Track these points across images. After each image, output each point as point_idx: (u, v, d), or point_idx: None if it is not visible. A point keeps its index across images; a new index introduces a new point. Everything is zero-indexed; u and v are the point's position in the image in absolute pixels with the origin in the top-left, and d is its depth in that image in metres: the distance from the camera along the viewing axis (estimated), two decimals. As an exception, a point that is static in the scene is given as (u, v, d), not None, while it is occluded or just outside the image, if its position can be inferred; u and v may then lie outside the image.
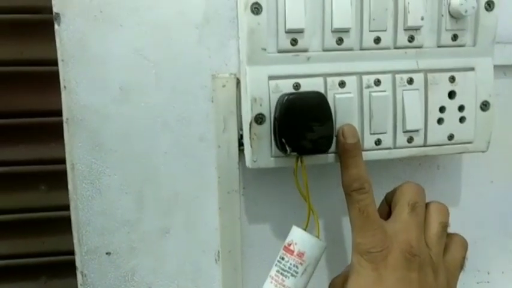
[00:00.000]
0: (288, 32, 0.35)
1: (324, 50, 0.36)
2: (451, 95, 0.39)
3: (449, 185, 0.47)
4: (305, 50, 0.36)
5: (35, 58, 0.74)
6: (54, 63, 0.65)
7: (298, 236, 0.35)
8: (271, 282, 0.35)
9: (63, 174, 0.72)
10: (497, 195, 0.48)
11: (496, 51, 0.39)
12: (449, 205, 0.47)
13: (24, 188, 0.80)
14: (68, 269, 0.77)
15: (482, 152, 0.41)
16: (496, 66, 0.40)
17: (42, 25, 0.71)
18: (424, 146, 0.39)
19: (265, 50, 0.35)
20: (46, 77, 0.75)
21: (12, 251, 0.82)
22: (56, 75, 0.65)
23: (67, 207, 0.75)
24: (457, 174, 0.47)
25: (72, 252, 0.78)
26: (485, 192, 0.48)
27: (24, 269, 0.82)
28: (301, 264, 0.34)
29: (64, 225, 0.73)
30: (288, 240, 0.36)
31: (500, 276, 0.50)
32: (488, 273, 0.50)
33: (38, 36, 0.72)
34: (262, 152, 0.37)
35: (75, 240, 0.41)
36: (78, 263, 0.42)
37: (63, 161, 0.74)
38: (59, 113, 0.68)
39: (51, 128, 0.76)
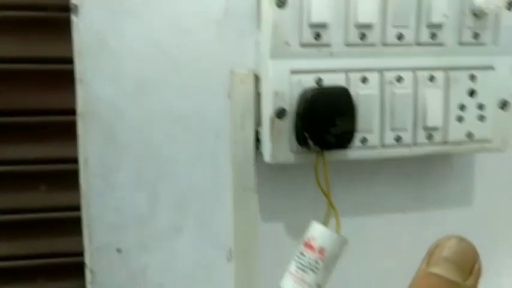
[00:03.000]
0: (312, 26, 0.35)
1: (347, 45, 0.36)
2: (471, 93, 0.39)
3: (462, 185, 0.47)
4: (328, 45, 0.36)
5: (38, 56, 0.73)
6: (61, 61, 0.64)
7: (318, 232, 0.34)
8: (291, 277, 0.34)
9: (64, 174, 0.71)
10: (509, 197, 0.48)
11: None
12: (462, 206, 0.48)
13: (24, 188, 0.78)
14: (67, 271, 0.76)
15: (500, 151, 0.41)
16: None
17: (51, 23, 0.70)
18: (444, 143, 0.39)
19: (288, 44, 0.35)
20: (51, 75, 0.74)
21: (10, 252, 0.80)
22: (60, 74, 0.65)
23: (67, 209, 0.73)
24: (470, 175, 0.47)
25: (72, 254, 0.76)
26: (498, 194, 0.48)
27: (20, 271, 0.80)
28: (321, 260, 0.34)
29: (62, 226, 0.71)
30: (307, 235, 0.35)
31: (510, 280, 0.50)
32: (498, 276, 0.50)
33: (42, 34, 0.71)
34: (282, 147, 0.36)
35: (85, 237, 0.40)
36: (87, 261, 0.40)
37: (65, 160, 0.73)
38: (62, 111, 0.67)
39: (53, 127, 0.75)
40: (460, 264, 0.19)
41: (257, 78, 0.40)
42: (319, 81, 0.36)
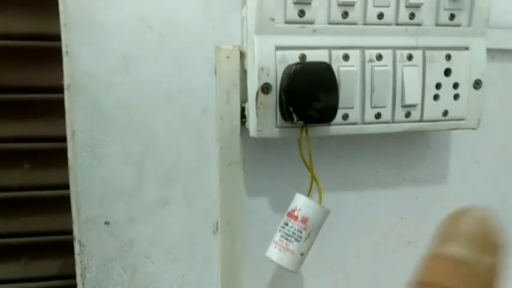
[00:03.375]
0: (296, 3, 0.36)
1: (330, 23, 0.37)
2: (447, 72, 0.40)
3: (438, 163, 0.49)
4: (311, 22, 0.37)
5: (22, 33, 0.72)
6: (47, 38, 0.63)
7: (302, 203, 0.36)
8: (275, 247, 0.36)
9: (47, 153, 0.71)
10: (482, 174, 0.51)
11: (485, 35, 0.41)
12: (438, 183, 0.50)
13: (7, 165, 0.77)
14: (50, 250, 0.76)
15: (473, 129, 0.43)
16: (485, 49, 0.42)
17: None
18: (420, 121, 0.41)
19: (273, 20, 0.36)
20: (34, 53, 0.73)
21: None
22: (45, 51, 0.64)
23: (51, 187, 0.73)
24: (446, 153, 0.49)
25: (55, 233, 0.76)
26: (472, 172, 0.50)
27: (4, 249, 0.80)
28: (304, 229, 0.35)
29: (47, 205, 0.71)
30: (291, 206, 0.36)
31: None
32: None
33: (27, 10, 0.70)
34: (267, 122, 0.37)
35: (73, 210, 0.41)
36: (75, 233, 0.41)
37: (48, 139, 0.72)
38: (46, 89, 0.66)
39: (37, 105, 0.74)
40: (479, 241, 0.16)
41: (243, 54, 0.40)
42: (303, 57, 0.37)
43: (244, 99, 0.41)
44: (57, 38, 0.40)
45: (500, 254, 0.15)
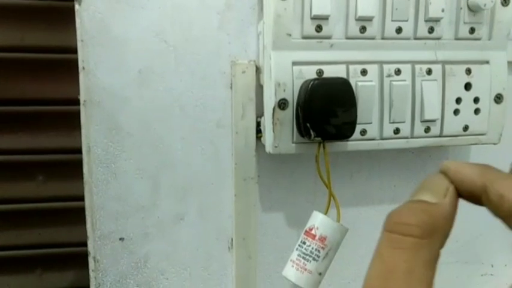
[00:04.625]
0: (314, 18, 0.36)
1: (347, 38, 0.37)
2: (467, 86, 0.40)
3: (457, 178, 0.48)
4: (329, 37, 0.37)
5: (37, 45, 0.72)
6: (65, 51, 0.64)
7: (320, 221, 0.35)
8: (293, 266, 0.35)
9: (62, 165, 0.71)
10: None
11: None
12: (457, 198, 0.49)
13: (21, 177, 0.78)
14: (65, 261, 0.76)
15: (494, 144, 0.42)
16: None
17: (49, 11, 0.70)
18: (440, 136, 0.40)
19: (290, 35, 0.36)
20: (48, 65, 0.73)
21: (7, 242, 0.80)
22: (63, 63, 0.64)
23: (65, 199, 0.73)
24: (464, 167, 0.48)
25: (69, 244, 0.76)
26: (491, 186, 0.49)
27: (18, 261, 0.80)
28: (323, 248, 0.34)
29: (61, 216, 0.71)
30: (309, 225, 0.36)
31: (503, 269, 0.51)
32: (492, 266, 0.51)
33: (42, 23, 0.70)
34: (283, 137, 0.37)
35: (88, 225, 0.41)
36: (90, 248, 0.41)
37: (62, 151, 0.73)
38: (68, 101, 0.66)
39: (51, 117, 0.75)
40: (434, 189, 0.21)
41: (258, 69, 0.40)
42: (320, 72, 0.36)
43: (259, 113, 0.41)
44: (71, 50, 0.40)
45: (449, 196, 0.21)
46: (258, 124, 0.41)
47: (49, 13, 0.63)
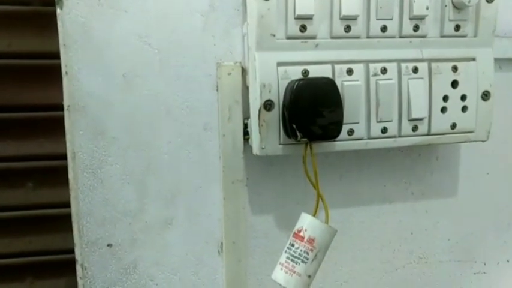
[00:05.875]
0: (297, 18, 0.35)
1: (332, 38, 0.37)
2: (454, 84, 0.39)
3: (447, 176, 0.48)
4: (313, 37, 0.36)
5: (24, 51, 0.72)
6: (47, 56, 0.63)
7: (308, 223, 0.35)
8: (281, 269, 0.34)
9: (51, 171, 0.70)
10: (493, 186, 0.49)
11: (492, 44, 0.40)
12: (447, 196, 0.48)
13: (10, 185, 0.77)
14: (56, 269, 0.75)
15: (483, 141, 0.42)
16: (493, 59, 0.41)
17: (35, 17, 0.69)
18: (428, 134, 0.40)
19: (274, 36, 0.35)
20: (35, 71, 0.73)
21: (-2, 250, 0.78)
22: (49, 69, 0.64)
23: (55, 205, 0.73)
24: (455, 165, 0.48)
25: (60, 252, 0.75)
26: (482, 184, 0.49)
27: (9, 269, 0.79)
28: (311, 250, 0.34)
29: (52, 223, 0.70)
30: (297, 226, 0.35)
31: (496, 266, 0.51)
32: (485, 264, 0.51)
33: (28, 29, 0.70)
34: (270, 139, 0.36)
35: (74, 232, 0.40)
36: (77, 256, 0.40)
37: (52, 157, 0.72)
38: (52, 107, 0.66)
39: (40, 123, 0.74)
40: None
41: (244, 71, 0.40)
42: (305, 73, 0.36)
43: (247, 115, 0.40)
44: (57, 55, 0.40)
45: None
46: (246, 126, 0.41)
47: (35, 19, 0.62)
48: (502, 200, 0.50)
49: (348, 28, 0.37)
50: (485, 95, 0.40)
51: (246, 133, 0.41)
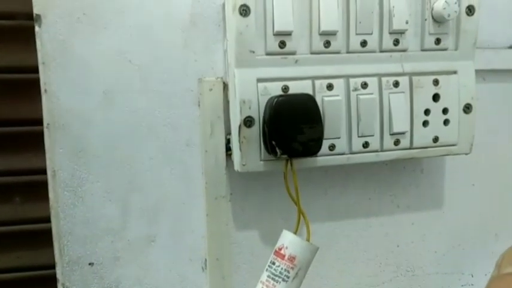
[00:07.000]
0: (276, 34, 0.35)
1: (312, 53, 0.37)
2: (435, 97, 0.39)
3: (433, 188, 0.48)
4: (293, 53, 0.36)
5: (8, 65, 0.71)
6: (29, 70, 0.63)
7: (289, 240, 0.34)
8: (263, 287, 0.34)
9: (39, 186, 0.69)
10: (479, 197, 0.49)
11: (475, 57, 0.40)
12: (433, 208, 0.48)
13: (-4, 200, 0.75)
14: (45, 284, 0.74)
15: (466, 154, 0.41)
16: (475, 71, 0.41)
17: (16, 32, 0.69)
18: (410, 148, 0.40)
19: (253, 52, 0.35)
20: (20, 85, 0.72)
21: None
22: (31, 83, 0.63)
23: (43, 220, 0.72)
24: (440, 177, 0.48)
25: (48, 267, 0.74)
26: (468, 195, 0.49)
27: (-3, 285, 0.77)
28: (292, 268, 0.34)
29: (40, 238, 0.70)
30: (278, 244, 0.35)
31: (483, 278, 0.51)
32: (472, 276, 0.51)
33: (12, 43, 0.69)
34: (251, 155, 0.36)
35: (56, 251, 0.40)
36: (59, 275, 0.40)
37: (39, 171, 0.71)
38: (35, 122, 0.65)
39: (26, 138, 0.73)
40: None
41: (226, 86, 0.40)
42: (285, 89, 0.36)
43: (229, 131, 0.40)
44: (37, 70, 0.39)
45: None
46: (228, 141, 0.41)
47: (20, 33, 0.62)
48: (489, 211, 0.50)
49: (327, 43, 0.37)
50: (467, 108, 0.40)
51: (228, 148, 0.41)
